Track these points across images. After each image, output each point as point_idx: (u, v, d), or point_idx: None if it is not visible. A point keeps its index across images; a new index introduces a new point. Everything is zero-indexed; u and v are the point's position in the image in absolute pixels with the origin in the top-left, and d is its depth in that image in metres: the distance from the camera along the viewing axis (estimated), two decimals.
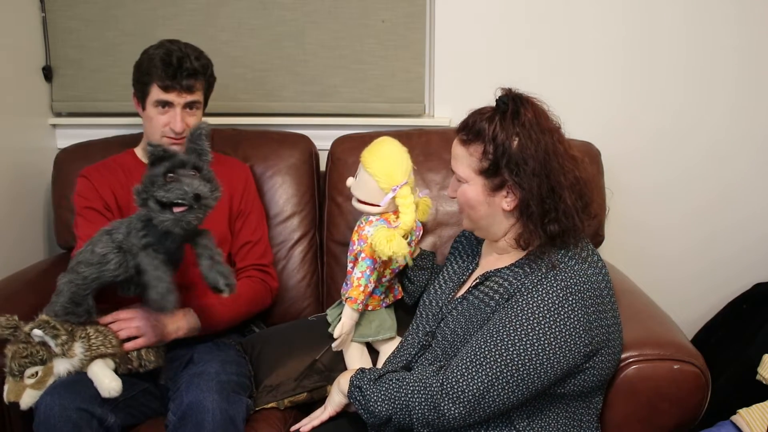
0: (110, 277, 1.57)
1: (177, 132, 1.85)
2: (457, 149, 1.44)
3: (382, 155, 1.68)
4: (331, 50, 2.32)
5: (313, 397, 1.73)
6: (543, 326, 1.30)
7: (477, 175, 1.41)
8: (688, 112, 2.32)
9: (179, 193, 1.46)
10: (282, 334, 1.86)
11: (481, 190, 1.41)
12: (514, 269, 1.43)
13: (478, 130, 1.39)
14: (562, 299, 1.31)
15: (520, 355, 1.29)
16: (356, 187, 1.72)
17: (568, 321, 1.30)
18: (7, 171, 2.18)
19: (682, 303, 2.20)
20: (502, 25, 2.28)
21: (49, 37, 2.34)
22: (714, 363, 1.65)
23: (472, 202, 1.43)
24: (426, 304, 1.60)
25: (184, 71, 1.82)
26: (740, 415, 1.68)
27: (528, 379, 1.30)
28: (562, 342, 1.30)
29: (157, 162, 1.50)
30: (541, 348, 1.29)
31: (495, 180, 1.39)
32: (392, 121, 2.34)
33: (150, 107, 1.84)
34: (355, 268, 1.67)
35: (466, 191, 1.43)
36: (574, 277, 1.34)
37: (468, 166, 1.41)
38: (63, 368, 1.55)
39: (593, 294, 1.34)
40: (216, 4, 2.31)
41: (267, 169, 2.15)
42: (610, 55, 2.29)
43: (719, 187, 2.37)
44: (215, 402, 1.54)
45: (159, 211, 1.48)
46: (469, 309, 1.45)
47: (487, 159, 1.38)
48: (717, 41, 2.27)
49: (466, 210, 1.47)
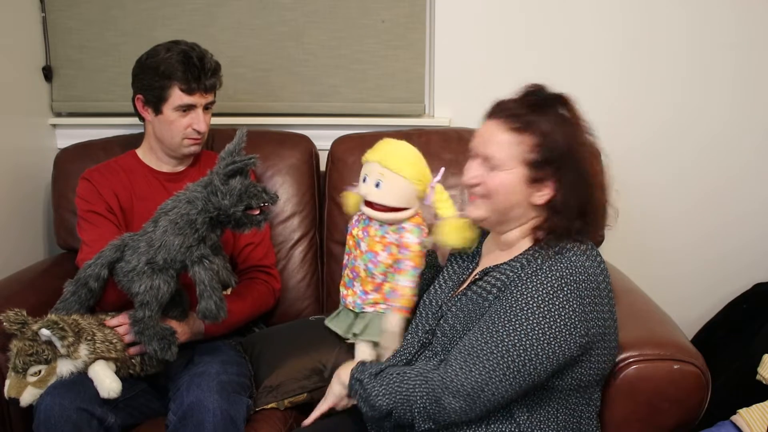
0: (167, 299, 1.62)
1: (201, 132, 1.85)
2: (500, 134, 1.39)
3: (413, 158, 1.63)
4: (331, 50, 2.32)
5: (314, 397, 1.72)
6: (537, 316, 1.30)
7: (520, 164, 1.38)
8: (687, 113, 2.33)
9: (269, 196, 1.60)
10: (282, 334, 1.86)
11: (519, 180, 1.38)
12: (512, 263, 1.42)
13: (530, 121, 1.38)
14: (557, 288, 1.31)
15: (515, 346, 1.29)
16: (386, 195, 1.61)
17: (563, 310, 1.30)
18: (7, 171, 2.18)
19: (682, 303, 2.20)
20: (501, 25, 2.28)
21: (49, 37, 2.34)
22: (714, 363, 1.65)
23: (503, 189, 1.40)
24: (426, 303, 1.60)
25: (208, 71, 1.81)
26: (740, 415, 1.68)
27: (524, 370, 1.30)
28: (557, 332, 1.29)
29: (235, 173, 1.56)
30: (536, 338, 1.29)
31: (539, 173, 1.38)
32: (392, 121, 2.34)
33: (169, 111, 1.82)
34: (400, 278, 1.62)
35: (503, 178, 1.39)
36: (570, 267, 1.33)
37: (511, 153, 1.38)
38: (66, 369, 1.55)
39: (589, 285, 1.33)
40: (216, 4, 2.31)
41: (267, 169, 2.15)
42: (608, 53, 2.29)
43: (719, 187, 2.37)
44: (216, 402, 1.54)
45: (252, 217, 1.58)
46: (468, 304, 1.45)
47: (538, 152, 1.37)
48: (715, 39, 2.27)
49: (491, 197, 1.41)
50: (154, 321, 1.58)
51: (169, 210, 1.58)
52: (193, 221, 1.55)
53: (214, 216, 1.56)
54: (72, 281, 1.65)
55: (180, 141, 1.86)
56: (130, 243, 1.61)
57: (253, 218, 1.58)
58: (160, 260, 1.56)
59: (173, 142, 1.87)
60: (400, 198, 1.62)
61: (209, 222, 1.57)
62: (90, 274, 1.62)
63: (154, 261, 1.56)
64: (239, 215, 1.56)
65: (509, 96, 1.44)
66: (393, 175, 1.60)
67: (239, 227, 1.59)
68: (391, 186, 1.61)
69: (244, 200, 1.55)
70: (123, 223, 1.86)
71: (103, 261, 1.62)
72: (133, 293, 1.58)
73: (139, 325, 1.58)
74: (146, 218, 1.66)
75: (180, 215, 1.56)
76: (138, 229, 1.65)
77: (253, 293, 1.90)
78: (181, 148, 1.89)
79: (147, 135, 1.94)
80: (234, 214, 1.55)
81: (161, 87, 1.80)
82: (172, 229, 1.56)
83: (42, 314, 1.60)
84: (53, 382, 1.55)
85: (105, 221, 1.83)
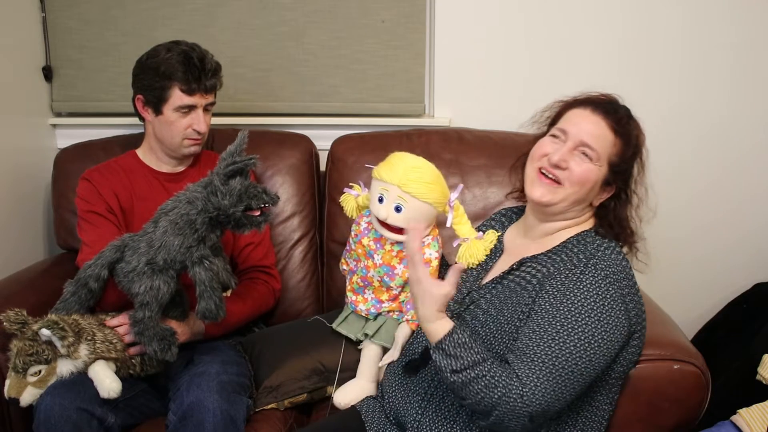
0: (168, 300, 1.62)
1: (202, 133, 1.85)
2: (603, 130, 1.43)
3: (431, 180, 1.57)
4: (331, 50, 2.32)
5: (313, 397, 1.73)
6: (593, 317, 1.31)
7: (607, 163, 1.43)
8: (687, 113, 2.32)
9: (270, 197, 1.59)
10: (282, 334, 1.86)
11: (601, 178, 1.43)
12: (551, 255, 1.44)
13: (629, 130, 1.45)
14: (604, 289, 1.34)
15: (577, 350, 1.29)
16: (409, 219, 1.55)
17: (612, 310, 1.33)
18: (7, 171, 2.18)
19: (682, 303, 2.20)
20: (501, 25, 2.28)
21: (49, 37, 2.34)
22: (714, 363, 1.65)
23: (587, 181, 1.42)
24: None
25: (208, 72, 1.81)
26: (740, 415, 1.68)
27: (587, 373, 1.30)
28: (610, 330, 1.32)
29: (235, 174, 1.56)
30: (594, 339, 1.30)
31: (615, 177, 1.44)
32: (392, 121, 2.34)
33: (169, 112, 1.82)
34: None
35: (592, 171, 1.42)
36: (612, 266, 1.37)
37: (607, 151, 1.43)
38: (66, 369, 1.55)
39: (628, 283, 1.38)
40: (216, 4, 2.31)
41: (267, 169, 2.15)
42: (607, 53, 2.29)
43: (719, 187, 2.37)
44: (216, 402, 1.54)
45: (252, 218, 1.57)
46: (505, 292, 1.45)
47: (623, 160, 1.43)
48: (713, 39, 2.27)
49: (576, 186, 1.42)
50: (154, 321, 1.58)
51: (169, 210, 1.58)
52: (192, 221, 1.55)
53: (214, 216, 1.55)
54: (72, 281, 1.65)
55: (180, 141, 1.86)
56: (130, 243, 1.61)
57: (253, 219, 1.58)
58: (160, 261, 1.56)
59: (173, 143, 1.87)
60: (422, 221, 1.58)
61: (209, 222, 1.56)
62: (90, 275, 1.62)
63: (154, 261, 1.56)
64: (239, 216, 1.56)
65: (598, 93, 1.50)
66: (416, 201, 1.56)
67: (239, 228, 1.58)
68: (414, 211, 1.57)
69: (243, 200, 1.55)
70: (123, 224, 1.86)
71: (103, 261, 1.62)
72: (133, 294, 1.58)
73: (139, 326, 1.58)
74: (146, 218, 1.66)
75: (180, 215, 1.56)
76: (138, 230, 1.65)
77: (254, 294, 1.90)
78: (181, 149, 1.89)
79: (147, 135, 1.94)
80: (234, 215, 1.55)
81: (162, 87, 1.80)
82: (172, 229, 1.55)
83: (42, 314, 1.60)
84: (53, 382, 1.55)
85: (105, 221, 1.83)
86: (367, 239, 1.67)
